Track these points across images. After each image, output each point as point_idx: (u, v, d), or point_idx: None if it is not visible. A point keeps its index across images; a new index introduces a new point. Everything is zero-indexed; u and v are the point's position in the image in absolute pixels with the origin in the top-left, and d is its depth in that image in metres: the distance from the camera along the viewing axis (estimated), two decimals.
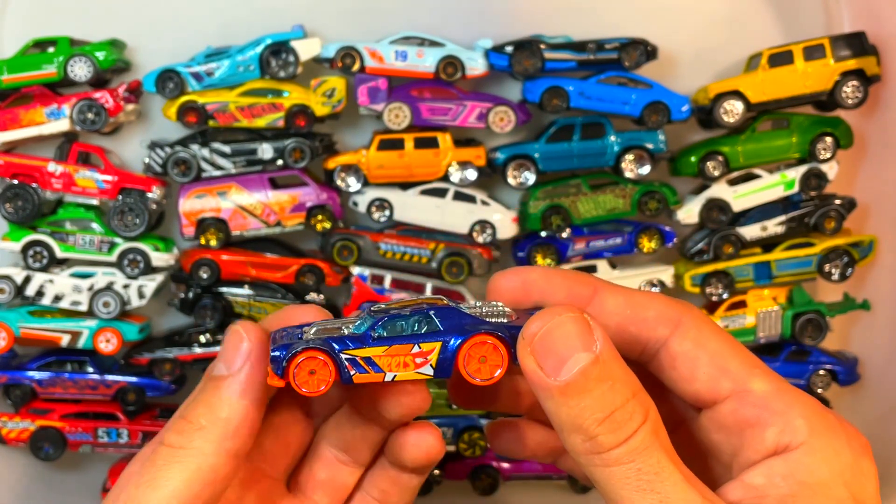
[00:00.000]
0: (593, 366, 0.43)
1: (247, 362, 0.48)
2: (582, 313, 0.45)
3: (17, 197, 1.28)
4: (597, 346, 0.44)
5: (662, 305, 0.49)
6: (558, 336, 0.44)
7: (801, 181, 1.32)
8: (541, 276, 0.50)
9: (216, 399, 0.47)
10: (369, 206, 1.31)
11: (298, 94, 1.29)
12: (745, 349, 0.49)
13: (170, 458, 0.45)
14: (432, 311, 0.48)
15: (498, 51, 1.27)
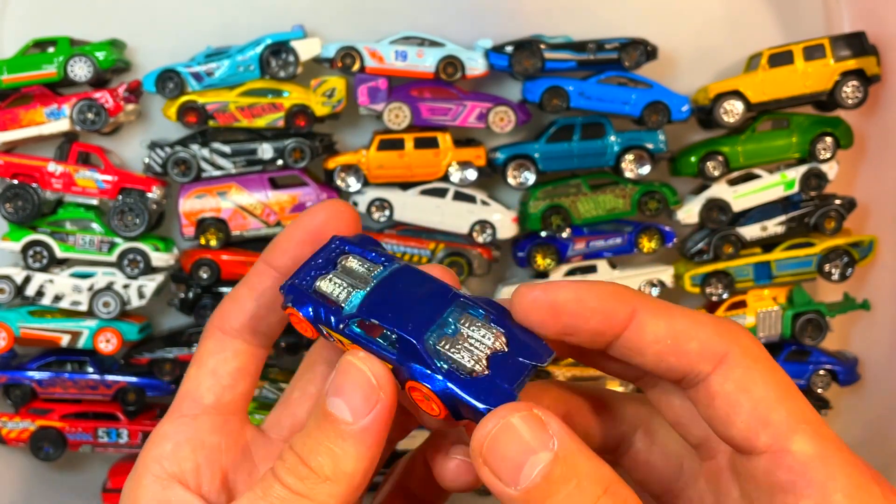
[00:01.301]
0: (553, 466, 0.39)
1: (374, 411, 0.43)
2: (531, 409, 0.40)
3: (17, 197, 1.28)
4: (554, 444, 0.39)
5: (708, 336, 0.43)
6: (508, 441, 0.39)
7: (801, 181, 1.33)
8: (572, 298, 0.44)
9: (341, 451, 0.43)
10: (369, 206, 1.31)
11: (298, 94, 1.29)
12: (797, 396, 0.42)
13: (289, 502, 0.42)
14: (403, 334, 0.44)
15: (498, 51, 1.27)
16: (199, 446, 0.48)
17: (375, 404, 0.43)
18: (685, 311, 0.44)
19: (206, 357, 0.50)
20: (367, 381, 0.43)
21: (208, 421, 0.49)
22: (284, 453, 0.44)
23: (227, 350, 0.50)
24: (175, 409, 0.49)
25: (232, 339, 0.50)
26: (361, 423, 0.43)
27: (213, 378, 0.49)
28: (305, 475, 0.43)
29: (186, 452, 0.47)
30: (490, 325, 0.44)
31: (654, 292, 1.35)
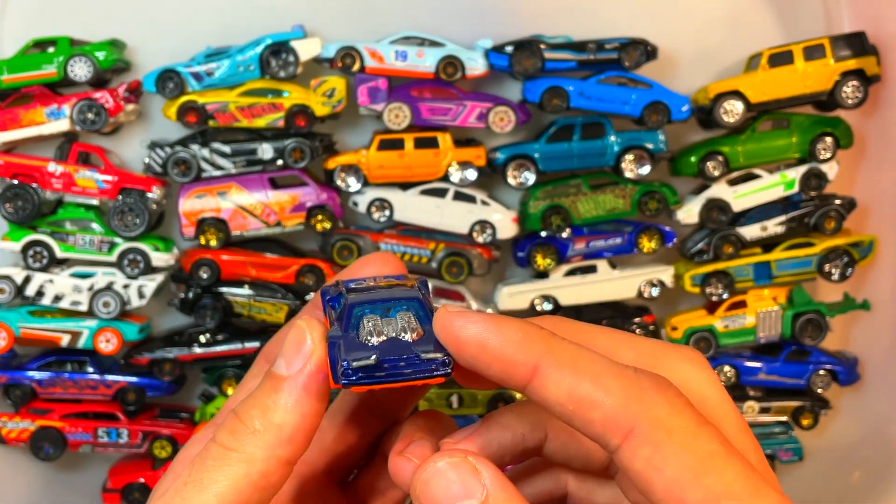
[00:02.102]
0: None
1: (307, 364, 0.45)
2: (465, 457, 0.41)
3: (17, 197, 1.28)
4: (483, 492, 0.40)
5: (613, 404, 0.39)
6: (438, 487, 0.40)
7: (801, 181, 1.32)
8: (474, 339, 0.42)
9: (272, 402, 0.44)
10: (369, 206, 1.31)
11: (298, 94, 1.29)
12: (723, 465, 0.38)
13: (220, 459, 0.43)
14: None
15: (498, 51, 1.27)
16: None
17: (308, 357, 0.45)
18: (595, 368, 0.40)
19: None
20: (304, 337, 0.45)
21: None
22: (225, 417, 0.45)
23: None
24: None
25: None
26: (291, 372, 0.44)
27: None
28: (236, 429, 0.44)
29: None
30: (418, 322, 0.46)
31: (654, 292, 1.35)
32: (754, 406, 1.38)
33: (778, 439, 1.39)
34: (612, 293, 1.35)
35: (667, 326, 1.37)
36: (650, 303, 1.38)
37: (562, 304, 1.34)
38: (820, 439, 1.41)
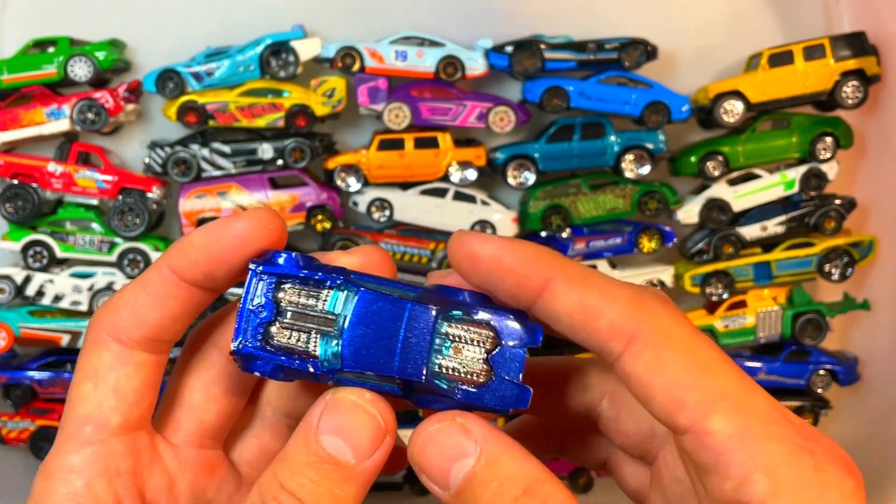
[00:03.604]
0: (475, 469, 0.40)
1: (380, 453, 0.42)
2: (453, 419, 0.41)
3: (17, 197, 1.28)
4: (476, 448, 0.40)
5: (618, 313, 0.40)
6: (435, 450, 0.41)
7: (801, 181, 1.33)
8: (490, 254, 0.42)
9: (343, 493, 0.41)
10: (369, 206, 1.31)
11: (298, 94, 1.29)
12: (718, 370, 0.40)
13: None
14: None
15: (498, 51, 1.27)
16: (114, 475, 0.43)
17: (380, 446, 0.42)
18: (602, 283, 0.41)
19: (105, 372, 0.44)
20: (377, 424, 0.42)
21: (119, 444, 0.43)
22: (276, 493, 0.41)
23: (129, 364, 0.43)
24: (75, 436, 0.44)
25: (131, 350, 0.43)
26: (365, 464, 0.41)
27: (117, 396, 0.43)
28: None
29: (103, 486, 0.42)
30: (473, 322, 0.43)
31: None
32: None
33: None
34: None
35: None
36: None
37: None
38: None
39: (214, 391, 0.46)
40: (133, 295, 0.44)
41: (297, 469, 0.41)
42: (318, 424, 0.41)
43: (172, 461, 0.46)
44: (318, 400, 0.42)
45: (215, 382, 0.46)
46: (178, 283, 0.43)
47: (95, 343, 0.44)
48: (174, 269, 0.43)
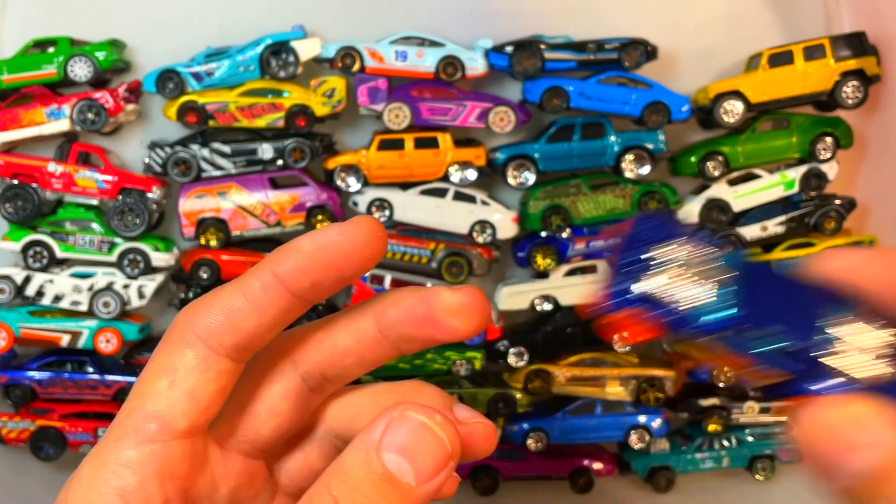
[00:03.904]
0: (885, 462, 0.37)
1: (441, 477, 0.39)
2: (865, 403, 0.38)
3: (17, 197, 1.28)
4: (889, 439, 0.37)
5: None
6: (833, 434, 0.38)
7: (801, 181, 1.33)
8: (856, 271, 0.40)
9: None
10: (369, 206, 1.31)
11: (298, 94, 1.29)
12: None
13: None
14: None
15: (498, 51, 1.27)
16: (168, 478, 0.41)
17: (443, 470, 0.39)
18: None
19: (185, 374, 0.42)
20: (444, 448, 0.39)
21: (179, 448, 0.42)
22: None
23: (212, 370, 0.42)
24: (138, 431, 0.42)
25: (219, 356, 0.42)
26: (425, 488, 0.39)
27: (191, 401, 0.42)
28: None
29: (155, 487, 0.41)
30: (870, 322, 0.41)
31: None
32: (754, 406, 1.38)
33: (778, 439, 1.39)
34: None
35: None
36: None
37: (562, 304, 1.34)
38: None
39: (280, 406, 0.45)
40: (230, 298, 0.42)
41: (354, 485, 0.39)
42: (382, 440, 0.38)
43: (219, 466, 0.44)
44: (381, 414, 0.39)
45: (283, 397, 0.45)
46: (280, 290, 0.41)
47: (182, 341, 0.42)
48: (279, 275, 0.41)
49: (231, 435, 0.45)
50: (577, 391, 1.37)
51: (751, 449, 1.39)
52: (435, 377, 1.35)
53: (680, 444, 1.39)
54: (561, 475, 1.39)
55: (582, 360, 1.36)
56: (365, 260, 0.41)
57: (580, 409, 1.38)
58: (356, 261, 0.41)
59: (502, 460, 1.38)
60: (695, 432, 1.40)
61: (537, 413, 1.38)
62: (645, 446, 1.37)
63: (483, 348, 1.35)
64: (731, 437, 1.39)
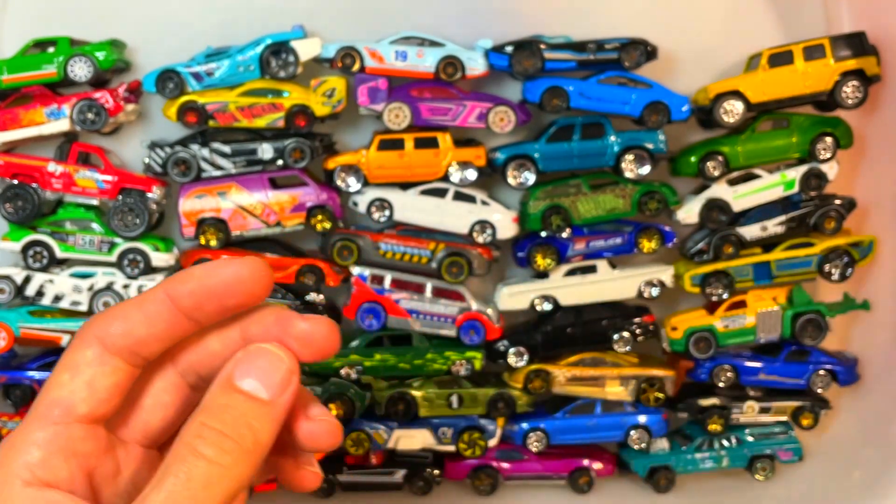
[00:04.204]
0: None
1: (290, 392, 0.48)
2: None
3: (17, 197, 1.27)
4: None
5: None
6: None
7: (801, 181, 1.32)
8: None
9: (259, 425, 0.47)
10: (369, 206, 1.31)
11: (298, 94, 1.29)
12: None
13: (216, 476, 0.46)
14: None
15: (498, 51, 1.27)
16: (71, 455, 0.48)
17: (289, 385, 0.48)
18: None
19: (84, 367, 0.49)
20: (286, 366, 0.49)
21: (80, 430, 0.48)
22: (199, 430, 0.46)
23: (108, 365, 0.49)
24: (44, 415, 0.48)
25: (112, 356, 0.49)
26: (279, 400, 0.48)
27: (90, 390, 0.49)
28: (229, 448, 0.46)
29: (59, 462, 0.47)
30: None
31: (654, 292, 1.35)
32: (754, 406, 1.38)
33: (778, 439, 1.39)
34: (612, 293, 1.35)
35: (667, 326, 1.37)
36: (650, 303, 1.38)
37: (562, 304, 1.34)
38: (820, 439, 1.41)
39: (163, 398, 0.52)
40: (128, 310, 0.50)
41: (217, 410, 0.47)
42: (234, 371, 0.48)
43: (122, 454, 0.51)
44: (230, 360, 0.49)
45: (165, 391, 0.52)
46: (170, 308, 0.49)
47: (82, 342, 0.49)
48: (171, 295, 0.49)
49: (127, 426, 0.52)
50: (577, 391, 1.37)
51: (751, 449, 1.39)
52: (435, 377, 1.35)
53: (680, 444, 1.39)
54: (561, 475, 1.39)
55: (582, 360, 1.36)
56: (246, 296, 0.50)
57: (580, 409, 1.38)
58: (238, 294, 0.49)
59: (502, 460, 1.38)
60: (695, 432, 1.40)
61: (537, 413, 1.38)
62: (645, 446, 1.37)
63: (483, 348, 1.35)
64: (731, 437, 1.39)
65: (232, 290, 0.50)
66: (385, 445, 1.35)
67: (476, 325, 1.33)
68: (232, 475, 0.46)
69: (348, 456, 1.36)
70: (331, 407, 1.32)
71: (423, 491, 1.36)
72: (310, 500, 1.36)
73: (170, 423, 0.53)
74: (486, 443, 1.36)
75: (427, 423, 1.35)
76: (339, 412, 1.32)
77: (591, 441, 1.39)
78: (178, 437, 0.46)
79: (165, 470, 0.45)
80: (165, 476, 0.45)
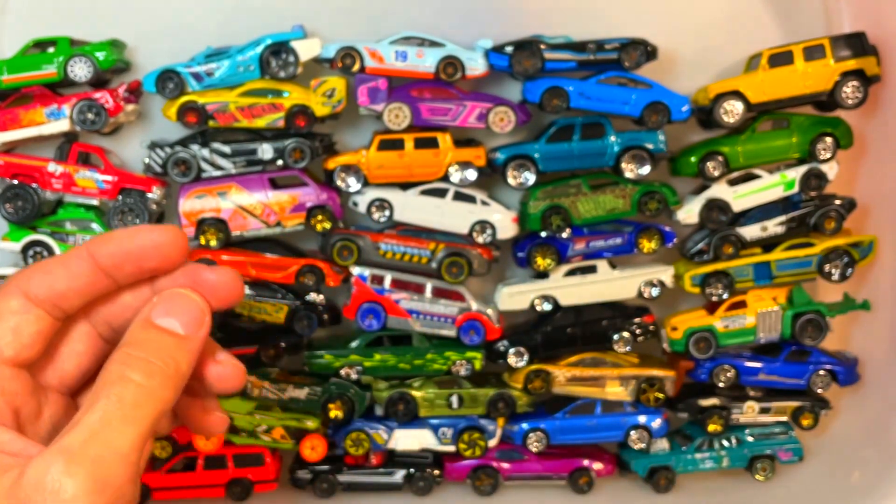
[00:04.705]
0: None
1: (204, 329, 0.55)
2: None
3: (17, 197, 1.27)
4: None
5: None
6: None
7: (801, 181, 1.32)
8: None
9: (180, 356, 0.53)
10: (369, 206, 1.31)
11: (298, 95, 1.29)
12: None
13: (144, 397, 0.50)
14: None
15: (498, 51, 1.27)
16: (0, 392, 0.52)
17: (202, 324, 0.55)
18: None
19: (9, 315, 0.54)
20: (199, 306, 0.55)
21: (7, 371, 0.53)
22: (126, 359, 0.51)
23: (31, 314, 0.54)
24: None
25: (35, 305, 0.54)
26: (195, 335, 0.54)
27: (14, 335, 0.53)
28: (155, 371, 0.51)
29: None
30: None
31: (654, 292, 1.35)
32: (754, 406, 1.38)
33: (778, 439, 1.39)
34: (612, 293, 1.35)
35: (667, 326, 1.37)
36: (650, 303, 1.38)
37: (562, 304, 1.34)
38: (820, 439, 1.41)
39: (77, 347, 0.57)
40: (51, 265, 0.55)
41: (140, 343, 0.53)
42: (152, 313, 0.54)
43: (42, 398, 0.56)
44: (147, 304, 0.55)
45: (79, 340, 0.57)
46: (91, 265, 0.54)
47: (7, 293, 0.54)
48: (92, 253, 0.54)
49: (45, 373, 0.57)
50: (577, 391, 1.37)
51: (751, 449, 1.39)
52: (435, 377, 1.35)
53: (680, 444, 1.39)
54: (561, 475, 1.39)
55: (582, 360, 1.36)
56: (163, 260, 0.55)
57: (580, 409, 1.38)
58: (155, 258, 0.55)
59: (502, 460, 1.38)
60: (695, 432, 1.40)
61: (537, 413, 1.38)
62: (645, 446, 1.37)
63: (483, 348, 1.35)
64: (731, 437, 1.39)
65: (150, 254, 0.55)
66: (385, 445, 1.35)
67: (476, 326, 1.33)
68: (158, 397, 0.51)
69: (348, 456, 1.36)
70: (330, 407, 1.32)
71: (423, 491, 1.36)
72: (310, 500, 1.36)
73: (83, 371, 0.58)
74: (486, 443, 1.36)
75: (427, 424, 1.35)
76: (338, 412, 1.32)
77: (591, 441, 1.39)
78: (104, 369, 0.51)
79: (95, 395, 0.50)
80: (97, 399, 0.49)
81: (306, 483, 1.36)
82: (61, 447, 0.47)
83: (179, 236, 0.55)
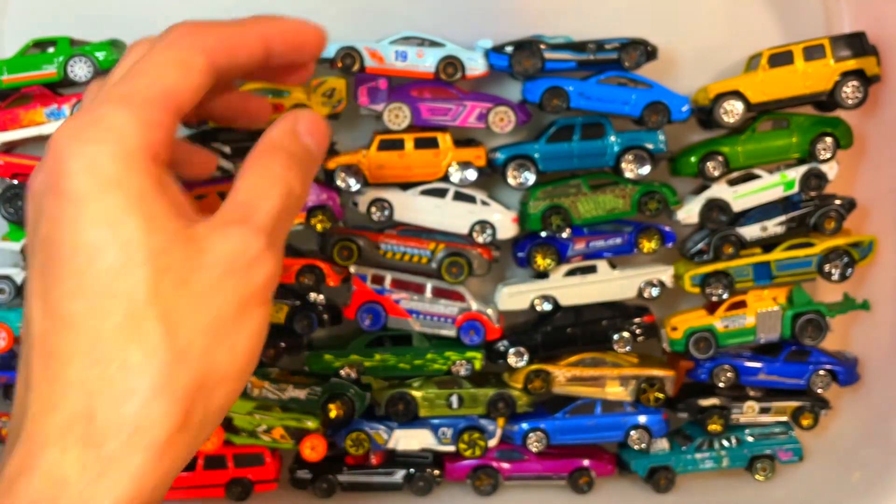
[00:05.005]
0: None
1: (326, 143, 0.67)
2: None
3: (17, 197, 1.28)
4: None
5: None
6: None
7: (801, 181, 1.33)
8: None
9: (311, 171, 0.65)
10: (369, 206, 1.31)
11: (298, 95, 1.29)
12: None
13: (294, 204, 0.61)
14: None
15: (498, 51, 1.27)
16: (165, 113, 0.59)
17: (326, 141, 0.66)
18: None
19: (195, 74, 0.60)
20: (327, 127, 0.66)
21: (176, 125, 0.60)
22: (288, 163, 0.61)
23: (209, 77, 0.61)
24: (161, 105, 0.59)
25: (210, 70, 0.61)
26: (320, 154, 0.66)
27: (194, 93, 0.60)
28: (305, 183, 0.63)
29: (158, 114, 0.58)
30: None
31: (654, 292, 1.35)
32: (754, 406, 1.38)
33: (778, 439, 1.39)
34: (612, 293, 1.35)
35: (667, 326, 1.37)
36: (650, 303, 1.38)
37: (562, 304, 1.34)
38: (820, 439, 1.41)
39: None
40: (232, 35, 0.65)
41: (294, 153, 0.62)
42: (298, 126, 0.64)
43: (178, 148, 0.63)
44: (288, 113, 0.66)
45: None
46: (263, 47, 0.66)
47: (192, 49, 0.60)
48: (265, 34, 0.67)
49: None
50: (577, 391, 1.37)
51: (751, 449, 1.39)
52: (435, 377, 1.35)
53: (680, 444, 1.40)
54: (561, 475, 1.39)
55: (582, 360, 1.36)
56: (313, 54, 0.74)
57: (580, 409, 1.38)
58: (309, 48, 0.72)
59: (502, 460, 1.38)
60: (695, 432, 1.40)
61: (537, 413, 1.38)
62: (645, 446, 1.38)
63: (483, 348, 1.35)
64: (731, 437, 1.39)
65: (309, 44, 0.70)
66: (385, 445, 1.35)
67: (476, 326, 1.33)
68: (300, 205, 0.61)
69: (348, 456, 1.36)
70: (331, 407, 1.32)
71: (423, 491, 1.36)
72: (310, 500, 1.37)
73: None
74: (486, 443, 1.36)
75: (427, 423, 1.35)
76: (338, 412, 1.32)
77: (591, 441, 1.39)
78: (268, 167, 0.60)
79: (271, 184, 0.58)
80: (271, 190, 0.58)
81: (306, 483, 1.36)
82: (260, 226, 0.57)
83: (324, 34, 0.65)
